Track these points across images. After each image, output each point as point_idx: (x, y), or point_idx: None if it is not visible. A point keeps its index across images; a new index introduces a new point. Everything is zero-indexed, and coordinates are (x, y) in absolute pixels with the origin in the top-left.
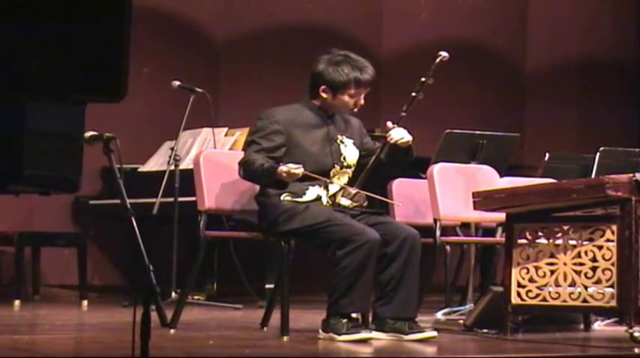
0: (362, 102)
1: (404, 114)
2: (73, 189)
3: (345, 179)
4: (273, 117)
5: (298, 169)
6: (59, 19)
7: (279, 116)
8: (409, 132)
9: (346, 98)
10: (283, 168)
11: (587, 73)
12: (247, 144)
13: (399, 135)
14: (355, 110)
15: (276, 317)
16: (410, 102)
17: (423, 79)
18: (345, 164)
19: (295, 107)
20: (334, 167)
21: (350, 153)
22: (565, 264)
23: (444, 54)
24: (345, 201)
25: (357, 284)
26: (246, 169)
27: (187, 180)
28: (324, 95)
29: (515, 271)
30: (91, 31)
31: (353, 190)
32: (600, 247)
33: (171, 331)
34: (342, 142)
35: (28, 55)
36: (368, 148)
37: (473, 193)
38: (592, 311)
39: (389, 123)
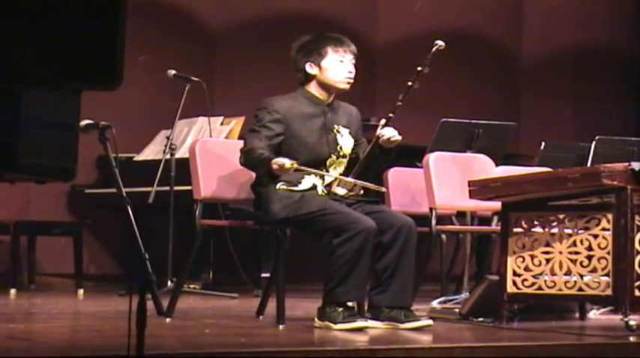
0: (352, 69)
1: (400, 103)
2: (68, 177)
3: (341, 169)
4: (272, 107)
5: (292, 164)
6: (55, 6)
7: (277, 105)
8: (399, 132)
9: (332, 64)
10: (277, 160)
11: (583, 62)
12: (248, 133)
13: (390, 132)
14: (350, 79)
15: (271, 305)
16: (406, 91)
17: (419, 69)
18: (341, 154)
19: (293, 96)
20: (331, 156)
21: (346, 142)
22: (561, 252)
23: (440, 43)
24: (340, 191)
25: (353, 273)
26: (247, 157)
27: (183, 169)
28: (312, 72)
29: (510, 260)
30: (86, 19)
31: (348, 180)
32: (596, 236)
33: (167, 320)
34: (339, 132)
35: (24, 43)
36: (357, 139)
37: (469, 182)
38: (587, 300)
39: (382, 121)
